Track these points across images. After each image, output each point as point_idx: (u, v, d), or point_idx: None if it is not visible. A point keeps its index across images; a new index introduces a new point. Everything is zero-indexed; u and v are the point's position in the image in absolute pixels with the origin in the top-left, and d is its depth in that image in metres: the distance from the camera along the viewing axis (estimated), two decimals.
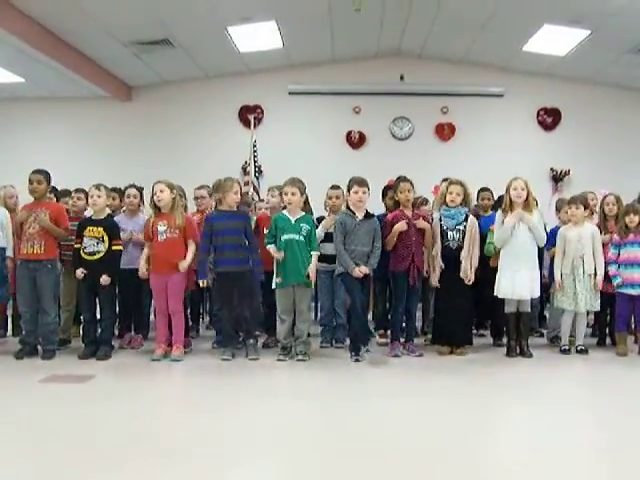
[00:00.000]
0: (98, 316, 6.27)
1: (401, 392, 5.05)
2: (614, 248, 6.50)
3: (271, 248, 6.02)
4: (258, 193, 9.96)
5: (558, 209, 7.25)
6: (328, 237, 6.43)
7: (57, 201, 6.85)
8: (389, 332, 6.59)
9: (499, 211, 6.39)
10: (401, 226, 6.16)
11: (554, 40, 10.01)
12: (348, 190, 6.23)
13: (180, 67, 11.11)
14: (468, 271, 6.21)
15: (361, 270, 5.95)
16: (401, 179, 6.40)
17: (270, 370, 5.78)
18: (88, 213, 6.72)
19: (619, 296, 6.47)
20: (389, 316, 6.70)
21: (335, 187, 6.83)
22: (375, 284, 6.86)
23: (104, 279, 6.01)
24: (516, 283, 6.15)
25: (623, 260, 6.44)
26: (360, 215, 6.11)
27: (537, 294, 6.32)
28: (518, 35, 10.09)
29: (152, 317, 7.17)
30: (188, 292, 6.46)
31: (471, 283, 6.24)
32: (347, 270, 5.99)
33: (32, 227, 6.07)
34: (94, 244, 6.09)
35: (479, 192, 7.38)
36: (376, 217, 6.27)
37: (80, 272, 6.05)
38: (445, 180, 7.08)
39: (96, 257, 6.08)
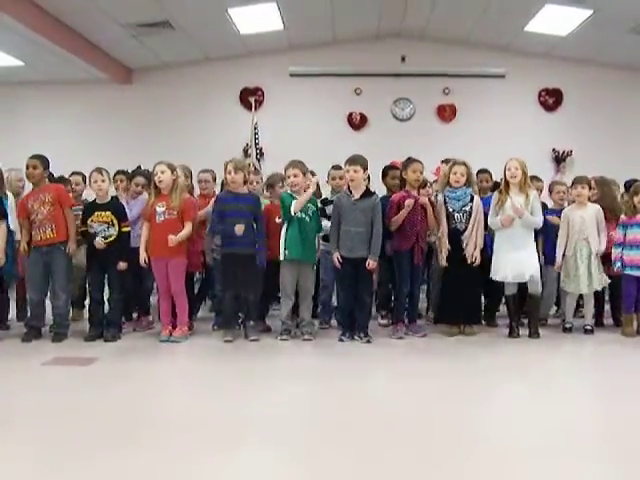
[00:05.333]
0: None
1: (403, 373, 5.06)
2: (621, 229, 6.46)
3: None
4: (261, 176, 9.93)
5: (550, 191, 7.25)
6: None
7: None
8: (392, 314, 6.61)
9: (495, 192, 6.39)
10: (410, 202, 6.08)
11: (556, 20, 9.95)
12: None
13: (180, 49, 11.05)
14: (472, 251, 6.20)
15: (371, 265, 5.96)
16: (414, 159, 6.34)
17: (273, 351, 5.80)
18: (85, 196, 6.73)
19: (625, 278, 6.41)
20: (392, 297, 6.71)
21: (337, 167, 6.81)
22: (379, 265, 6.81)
23: (121, 265, 6.05)
24: (512, 265, 6.13)
25: (629, 241, 6.37)
26: (357, 194, 6.07)
27: (536, 272, 6.25)
28: (520, 15, 10.02)
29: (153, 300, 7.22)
30: (198, 276, 6.45)
31: (478, 263, 6.23)
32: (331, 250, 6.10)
33: (39, 213, 6.05)
34: (105, 229, 6.09)
35: (477, 174, 7.33)
36: (377, 196, 6.22)
37: (99, 241, 6.04)
38: (444, 161, 7.07)
39: (108, 240, 6.10)
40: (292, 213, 6.04)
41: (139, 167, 7.24)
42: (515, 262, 6.13)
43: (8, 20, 8.22)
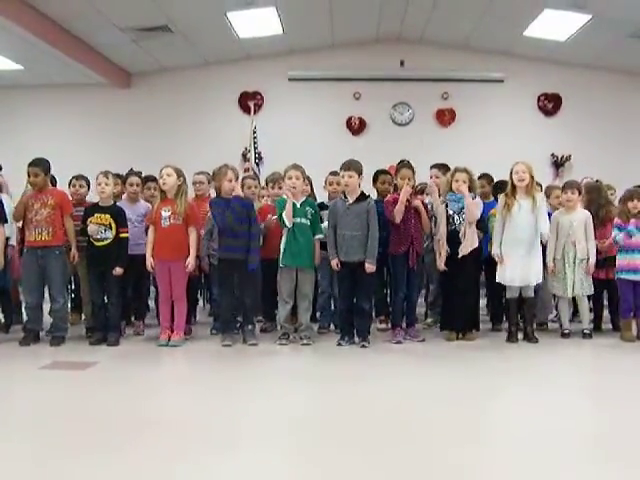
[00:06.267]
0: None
1: (402, 377, 5.05)
2: (617, 229, 6.39)
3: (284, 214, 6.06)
4: (258, 180, 9.93)
5: (548, 195, 7.24)
6: None
7: None
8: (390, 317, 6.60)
9: (501, 195, 6.38)
10: (406, 191, 6.02)
11: (555, 25, 9.98)
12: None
13: (179, 53, 11.06)
14: (465, 247, 6.15)
15: (368, 268, 5.94)
16: (404, 165, 6.36)
17: (272, 355, 5.80)
18: (89, 199, 6.73)
19: (621, 282, 6.40)
20: (388, 301, 6.71)
21: (334, 173, 6.82)
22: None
23: (117, 271, 6.04)
24: (519, 269, 6.14)
25: (624, 245, 6.35)
26: (351, 199, 6.07)
27: (540, 279, 6.28)
28: (519, 20, 10.04)
29: (151, 303, 7.23)
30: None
31: (464, 254, 6.17)
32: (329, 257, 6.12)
33: (39, 214, 6.03)
34: (102, 231, 6.08)
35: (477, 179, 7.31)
36: (371, 199, 6.20)
37: (92, 227, 6.06)
38: (434, 167, 7.05)
39: (104, 243, 6.09)
40: (288, 225, 6.06)
41: (131, 170, 7.29)
42: (522, 267, 6.15)
43: (8, 24, 8.23)
